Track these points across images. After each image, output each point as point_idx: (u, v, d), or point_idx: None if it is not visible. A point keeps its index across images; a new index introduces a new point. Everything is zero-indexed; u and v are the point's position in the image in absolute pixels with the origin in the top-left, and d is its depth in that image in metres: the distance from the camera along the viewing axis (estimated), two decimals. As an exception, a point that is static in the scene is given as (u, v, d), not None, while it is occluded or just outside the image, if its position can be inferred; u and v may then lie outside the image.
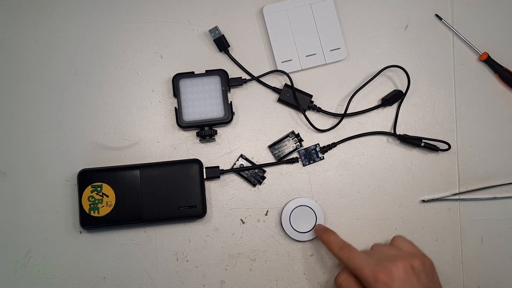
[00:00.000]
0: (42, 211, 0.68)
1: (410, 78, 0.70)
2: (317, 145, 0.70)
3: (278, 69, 0.70)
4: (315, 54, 0.70)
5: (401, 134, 0.70)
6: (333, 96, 0.71)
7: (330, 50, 0.71)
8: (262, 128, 0.70)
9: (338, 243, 0.63)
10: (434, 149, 0.69)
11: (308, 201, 0.68)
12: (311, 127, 0.70)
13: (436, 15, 0.72)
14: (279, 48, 0.70)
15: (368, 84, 0.70)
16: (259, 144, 0.70)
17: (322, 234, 0.66)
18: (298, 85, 0.70)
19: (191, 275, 0.68)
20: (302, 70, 0.71)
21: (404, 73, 0.70)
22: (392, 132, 0.70)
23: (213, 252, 0.68)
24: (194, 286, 0.68)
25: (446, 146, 0.69)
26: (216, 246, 0.68)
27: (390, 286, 0.57)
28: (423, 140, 0.69)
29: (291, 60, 0.70)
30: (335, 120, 0.70)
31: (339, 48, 0.71)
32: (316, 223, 0.68)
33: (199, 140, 0.69)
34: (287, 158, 0.69)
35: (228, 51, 0.70)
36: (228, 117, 0.68)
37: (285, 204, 0.68)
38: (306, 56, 0.70)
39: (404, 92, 0.70)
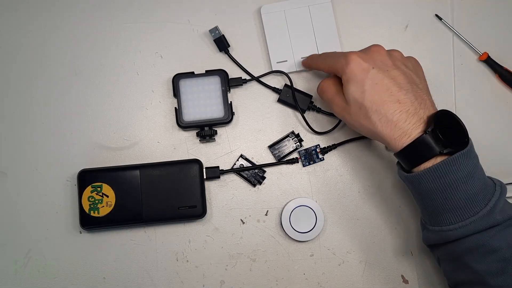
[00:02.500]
0: (42, 211, 0.68)
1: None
2: (318, 146, 0.70)
3: (276, 69, 0.70)
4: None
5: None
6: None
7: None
8: (262, 128, 0.70)
9: (317, 55, 0.67)
10: None
11: (308, 201, 0.68)
12: (309, 129, 0.69)
13: (436, 15, 0.72)
14: (275, 48, 0.70)
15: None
16: (259, 144, 0.70)
17: (305, 61, 0.69)
18: (298, 85, 0.70)
19: (191, 275, 0.68)
20: (299, 71, 0.71)
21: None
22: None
23: (213, 252, 0.68)
24: (194, 286, 0.68)
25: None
26: (216, 246, 0.68)
27: (362, 65, 0.57)
28: None
29: (287, 61, 0.70)
30: (335, 120, 0.70)
31: (336, 52, 0.71)
32: (316, 223, 0.68)
33: (199, 140, 0.69)
34: (287, 159, 0.69)
35: (228, 51, 0.70)
36: (228, 117, 0.68)
37: (285, 204, 0.68)
38: (302, 58, 0.70)
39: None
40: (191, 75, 0.69)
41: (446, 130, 0.54)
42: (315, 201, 0.69)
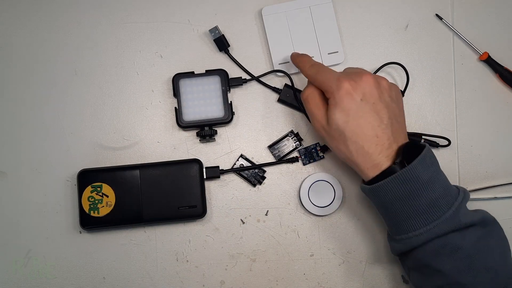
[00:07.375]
0: (42, 211, 0.68)
1: (410, 76, 0.69)
2: (317, 144, 0.70)
3: (278, 69, 0.70)
4: (313, 57, 0.70)
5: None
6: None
7: (328, 54, 0.70)
8: (262, 128, 0.70)
9: (310, 61, 0.64)
10: (434, 145, 0.69)
11: (325, 176, 0.68)
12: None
13: (436, 15, 0.72)
14: (276, 49, 0.70)
15: (368, 84, 0.70)
16: (259, 144, 0.70)
17: (296, 57, 0.66)
18: (298, 85, 0.70)
19: (191, 275, 0.68)
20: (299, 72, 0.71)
21: (403, 70, 0.70)
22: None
23: (213, 252, 0.68)
24: (194, 286, 0.68)
25: (446, 142, 0.69)
26: (216, 246, 0.68)
27: (352, 94, 0.58)
28: (423, 137, 0.69)
29: (289, 62, 0.70)
30: (335, 120, 0.70)
31: (337, 52, 0.71)
32: (335, 197, 0.68)
33: (199, 140, 0.69)
34: (287, 158, 0.69)
35: (228, 51, 0.70)
36: (228, 117, 0.68)
37: (301, 182, 0.68)
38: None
39: (403, 90, 0.70)
40: (191, 75, 0.69)
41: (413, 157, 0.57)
42: (332, 175, 0.69)
